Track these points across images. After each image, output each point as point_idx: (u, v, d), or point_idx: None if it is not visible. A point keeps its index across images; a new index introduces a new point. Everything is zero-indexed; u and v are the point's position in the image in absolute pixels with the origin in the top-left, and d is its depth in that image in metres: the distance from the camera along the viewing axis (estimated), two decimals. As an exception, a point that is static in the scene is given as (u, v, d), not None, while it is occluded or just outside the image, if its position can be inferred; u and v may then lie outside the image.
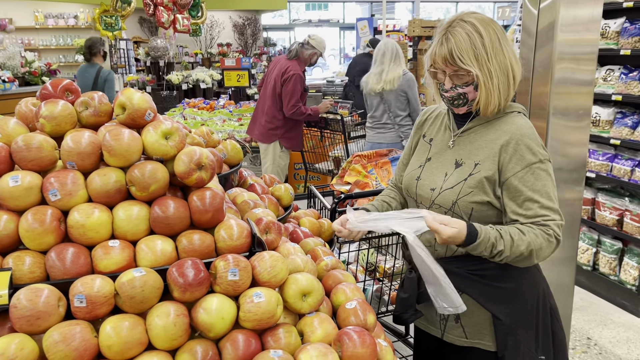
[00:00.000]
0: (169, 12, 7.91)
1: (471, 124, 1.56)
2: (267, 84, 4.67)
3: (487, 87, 1.46)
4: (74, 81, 1.43)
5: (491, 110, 1.49)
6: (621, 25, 3.50)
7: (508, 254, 1.39)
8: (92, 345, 1.06)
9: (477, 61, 1.44)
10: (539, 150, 1.46)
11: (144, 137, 1.28)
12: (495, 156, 1.47)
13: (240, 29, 15.32)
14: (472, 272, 1.53)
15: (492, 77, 1.45)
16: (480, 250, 1.40)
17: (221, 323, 1.13)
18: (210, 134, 1.85)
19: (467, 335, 1.56)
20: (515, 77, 1.49)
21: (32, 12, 11.35)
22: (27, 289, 1.07)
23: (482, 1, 21.55)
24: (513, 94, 1.50)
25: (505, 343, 1.51)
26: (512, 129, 1.48)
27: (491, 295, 1.53)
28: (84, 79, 5.47)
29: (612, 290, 3.61)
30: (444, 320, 1.60)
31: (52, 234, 1.17)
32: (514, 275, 1.53)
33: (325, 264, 1.52)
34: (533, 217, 1.42)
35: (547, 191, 1.43)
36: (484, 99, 1.47)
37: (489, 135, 1.51)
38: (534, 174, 1.43)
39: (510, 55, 1.48)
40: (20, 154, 1.22)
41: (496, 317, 1.52)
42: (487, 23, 1.47)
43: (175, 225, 1.25)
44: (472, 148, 1.53)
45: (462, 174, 1.51)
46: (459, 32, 1.45)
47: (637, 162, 3.41)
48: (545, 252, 1.42)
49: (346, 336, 1.18)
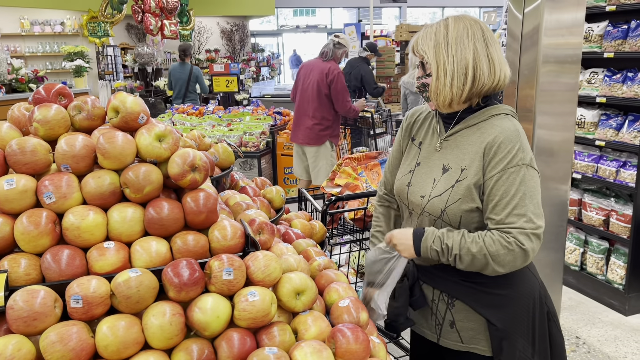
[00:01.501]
0: (156, 19, 7.91)
1: (457, 127, 1.54)
2: (306, 89, 4.79)
3: (438, 76, 1.47)
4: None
5: (441, 101, 1.49)
6: (604, 28, 3.57)
7: (457, 252, 1.39)
8: (89, 345, 1.07)
9: (434, 50, 1.47)
10: (520, 154, 1.41)
11: (137, 140, 1.29)
12: (480, 160, 1.45)
13: (228, 35, 15.34)
14: (465, 280, 1.51)
15: (446, 67, 1.45)
16: (429, 243, 1.43)
17: (216, 322, 1.15)
18: (202, 137, 1.86)
19: (463, 340, 1.55)
20: (476, 76, 1.45)
21: (17, 19, 11.27)
22: (24, 291, 1.08)
23: (468, 6, 21.76)
24: (479, 90, 1.47)
25: (500, 348, 1.50)
26: (497, 131, 1.45)
27: (485, 301, 1.51)
28: (180, 75, 7.14)
29: (599, 289, 3.66)
30: (439, 325, 1.58)
31: (47, 236, 1.17)
32: (508, 281, 1.50)
33: (317, 263, 1.54)
34: (499, 222, 1.39)
35: (523, 197, 1.38)
36: (434, 88, 1.49)
37: (474, 138, 1.50)
38: (509, 178, 1.39)
39: (478, 53, 1.45)
40: (14, 157, 1.23)
41: (491, 322, 1.50)
42: (464, 19, 1.48)
43: (170, 227, 1.26)
44: (459, 152, 1.52)
45: (449, 180, 1.49)
46: (430, 25, 1.51)
47: (621, 163, 3.47)
48: (506, 259, 1.37)
49: (340, 333, 1.20)
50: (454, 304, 1.53)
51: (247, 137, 5.55)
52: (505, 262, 1.36)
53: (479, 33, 1.46)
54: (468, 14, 1.53)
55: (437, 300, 1.56)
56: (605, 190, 3.69)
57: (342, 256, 2.27)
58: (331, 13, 21.08)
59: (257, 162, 5.45)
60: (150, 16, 7.53)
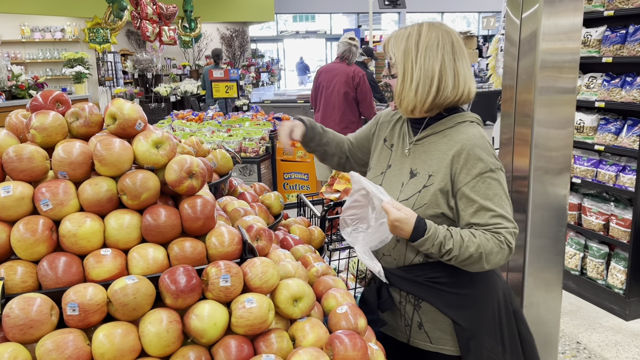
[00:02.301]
0: (153, 25, 7.94)
1: (425, 133, 1.57)
2: (331, 95, 4.84)
3: (403, 81, 1.50)
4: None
5: (404, 106, 1.52)
6: (602, 33, 3.58)
7: (457, 254, 1.39)
8: (85, 353, 1.06)
9: (403, 54, 1.50)
10: (490, 159, 1.46)
11: (134, 147, 1.29)
12: (448, 167, 1.48)
13: (228, 40, 15.39)
14: (429, 280, 1.53)
15: (412, 74, 1.48)
16: (427, 246, 1.40)
17: (213, 329, 1.14)
18: (200, 143, 1.86)
19: (432, 341, 1.57)
20: (440, 88, 1.48)
21: (18, 25, 11.31)
22: (20, 298, 1.07)
23: (467, 11, 21.82)
24: (441, 102, 1.50)
25: (468, 348, 1.52)
26: (463, 138, 1.49)
27: (449, 301, 1.53)
28: None
29: (600, 294, 3.65)
30: (408, 326, 1.60)
31: (44, 243, 1.17)
32: (471, 280, 1.54)
33: (315, 270, 1.53)
34: (485, 225, 1.42)
35: (499, 200, 1.44)
36: (398, 91, 1.52)
37: (441, 145, 1.52)
38: (485, 182, 1.44)
39: (445, 65, 1.48)
40: (11, 164, 1.23)
41: (456, 322, 1.52)
42: (438, 29, 1.51)
43: (167, 233, 1.26)
44: (426, 158, 1.54)
45: (416, 185, 1.52)
46: (405, 27, 1.54)
47: (621, 168, 3.47)
48: (496, 258, 1.41)
49: (337, 340, 1.19)
50: (420, 305, 1.56)
51: (247, 143, 5.55)
52: (496, 260, 1.42)
53: (448, 46, 1.49)
54: (444, 24, 1.56)
55: (404, 301, 1.59)
56: (604, 194, 3.69)
57: (342, 262, 2.26)
58: (330, 19, 21.14)
59: (257, 167, 5.45)
60: (148, 23, 7.56)
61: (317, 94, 4.99)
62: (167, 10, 8.37)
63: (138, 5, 7.71)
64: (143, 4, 7.70)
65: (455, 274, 1.51)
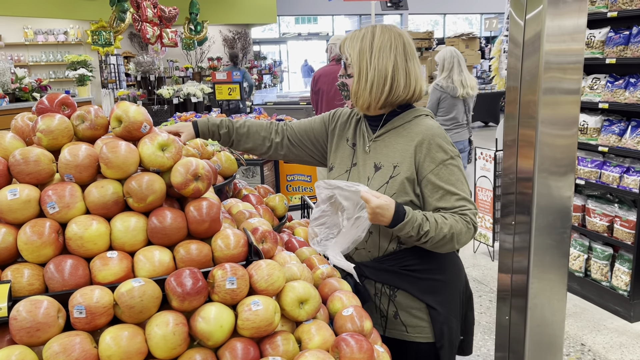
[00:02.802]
0: (154, 28, 7.96)
1: (384, 129, 1.65)
2: (333, 97, 4.78)
3: (359, 82, 1.59)
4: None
5: (360, 104, 1.62)
6: (606, 34, 3.57)
7: (433, 235, 1.47)
8: (92, 355, 1.06)
9: (358, 54, 1.58)
10: (449, 147, 1.58)
11: (140, 149, 1.29)
12: (412, 156, 1.57)
13: (231, 43, 15.39)
14: (404, 268, 1.61)
15: (367, 73, 1.57)
16: (407, 230, 1.46)
17: (220, 331, 1.14)
18: (205, 145, 1.86)
19: (407, 330, 1.63)
20: (393, 87, 1.57)
21: (21, 28, 11.34)
22: (27, 301, 1.08)
23: (470, 13, 21.80)
24: (393, 100, 1.59)
25: (442, 333, 1.61)
26: (423, 129, 1.59)
27: (424, 287, 1.62)
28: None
29: (604, 296, 3.64)
30: (384, 318, 1.66)
31: (50, 246, 1.17)
32: (443, 266, 1.65)
33: (321, 272, 1.53)
34: (452, 208, 1.52)
35: (461, 184, 1.55)
36: (354, 90, 1.61)
37: (402, 138, 1.61)
38: (447, 169, 1.55)
39: (398, 66, 1.57)
40: (18, 167, 1.23)
41: (432, 307, 1.61)
42: (390, 31, 1.59)
43: (173, 236, 1.26)
44: (388, 151, 1.62)
45: (383, 177, 1.59)
46: (360, 29, 1.62)
47: (625, 169, 3.46)
48: (465, 238, 1.51)
49: (343, 342, 1.19)
50: (395, 295, 1.63)
51: (250, 145, 5.54)
52: (464, 240, 1.52)
53: (400, 47, 1.59)
54: (396, 26, 1.64)
55: (379, 293, 1.65)
56: (608, 196, 3.68)
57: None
58: (333, 20, 21.15)
59: (260, 169, 5.45)
60: (148, 25, 7.58)
61: (318, 99, 4.92)
62: (168, 13, 8.39)
63: (139, 8, 7.73)
64: (144, 7, 7.72)
65: (428, 260, 1.61)
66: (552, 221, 2.30)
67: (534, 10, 2.25)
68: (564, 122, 2.32)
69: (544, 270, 2.33)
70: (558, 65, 2.27)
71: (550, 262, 2.37)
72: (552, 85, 2.28)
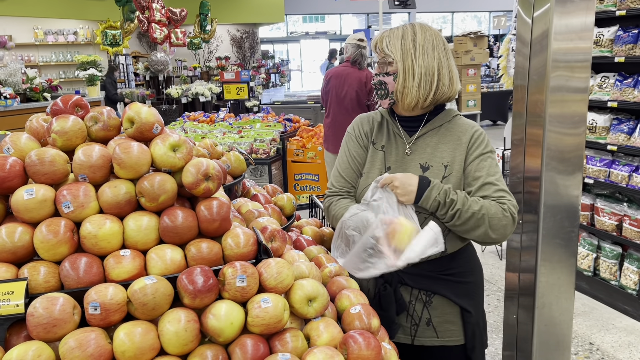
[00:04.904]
0: (162, 28, 8.01)
1: (425, 129, 1.63)
2: (343, 100, 4.78)
3: (405, 79, 1.55)
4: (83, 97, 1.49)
5: (407, 103, 1.58)
6: (614, 33, 3.56)
7: (460, 207, 1.46)
8: (107, 351, 1.09)
9: (401, 52, 1.55)
10: (489, 143, 1.61)
11: (152, 150, 1.32)
12: (463, 153, 1.58)
13: (238, 42, 15.44)
14: (441, 273, 1.61)
15: (414, 72, 1.54)
16: (434, 194, 1.46)
17: (230, 328, 1.17)
18: (214, 146, 1.89)
19: (438, 335, 1.63)
20: (439, 84, 1.56)
21: (31, 28, 11.45)
22: (43, 298, 1.11)
23: (478, 11, 21.73)
24: (438, 98, 1.59)
25: (473, 335, 1.61)
26: (467, 127, 1.61)
27: (460, 290, 1.63)
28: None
29: (613, 295, 3.64)
30: (415, 326, 1.64)
31: (65, 244, 1.20)
32: (472, 267, 1.67)
33: (329, 270, 1.55)
34: (490, 197, 1.51)
35: (500, 178, 1.55)
36: (400, 90, 1.57)
37: (446, 137, 1.61)
38: (487, 161, 1.56)
39: (442, 64, 1.56)
40: (34, 167, 1.26)
41: (466, 310, 1.61)
42: (427, 30, 1.58)
43: (184, 235, 1.28)
44: (434, 151, 1.60)
45: (434, 177, 1.56)
46: (396, 27, 1.59)
47: (634, 168, 3.45)
48: (501, 223, 1.47)
49: (351, 339, 1.21)
50: (431, 301, 1.62)
51: (258, 144, 5.58)
52: (499, 226, 1.47)
53: (441, 45, 1.58)
54: (430, 25, 1.62)
55: (414, 300, 1.63)
56: (617, 195, 3.67)
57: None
58: (340, 19, 21.14)
59: (268, 168, 5.48)
60: (156, 25, 7.63)
61: (328, 99, 4.93)
62: (178, 15, 8.44)
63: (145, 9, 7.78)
64: (152, 9, 7.77)
65: (463, 263, 1.62)
66: (560, 220, 2.30)
67: (542, 9, 2.25)
68: (572, 120, 2.32)
69: (552, 270, 2.34)
70: (566, 64, 2.27)
71: (558, 261, 2.38)
72: (560, 84, 2.28)
